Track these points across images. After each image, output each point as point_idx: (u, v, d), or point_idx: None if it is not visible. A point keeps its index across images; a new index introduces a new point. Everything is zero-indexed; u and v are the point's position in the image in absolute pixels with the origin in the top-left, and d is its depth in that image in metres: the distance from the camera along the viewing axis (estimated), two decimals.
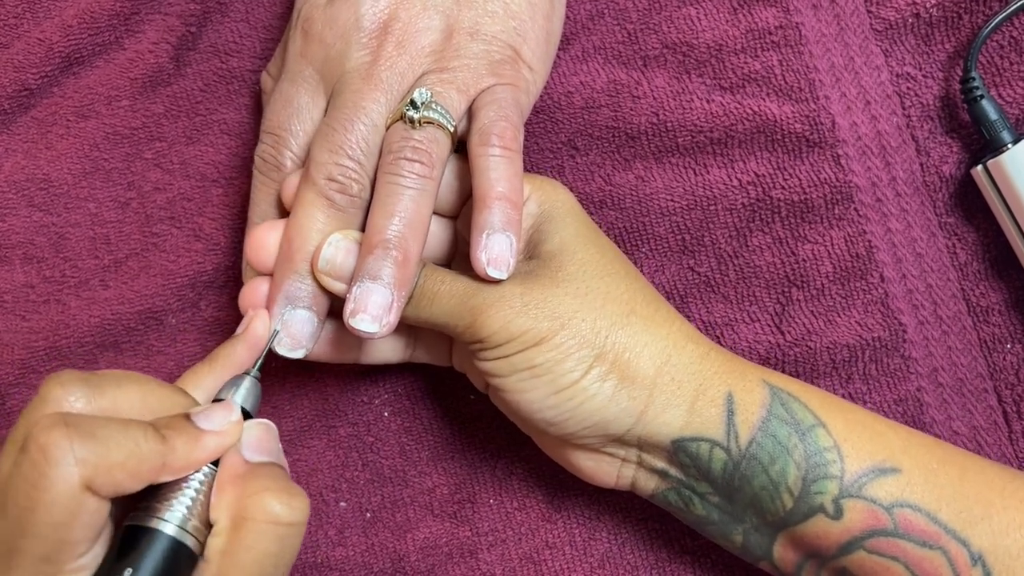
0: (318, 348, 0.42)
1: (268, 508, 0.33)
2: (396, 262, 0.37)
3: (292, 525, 0.33)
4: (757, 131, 0.47)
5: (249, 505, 0.33)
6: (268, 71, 0.45)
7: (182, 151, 0.49)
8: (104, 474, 0.31)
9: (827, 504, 0.39)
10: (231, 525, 0.33)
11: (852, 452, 0.39)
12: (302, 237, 0.39)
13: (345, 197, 0.39)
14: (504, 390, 0.40)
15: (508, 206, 0.39)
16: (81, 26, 0.48)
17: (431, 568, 0.47)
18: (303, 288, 0.39)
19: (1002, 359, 0.47)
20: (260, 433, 0.36)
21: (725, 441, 0.39)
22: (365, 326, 0.37)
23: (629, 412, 0.39)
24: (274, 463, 0.36)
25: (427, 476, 0.48)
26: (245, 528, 0.33)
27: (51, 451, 0.30)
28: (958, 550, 0.38)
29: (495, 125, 0.39)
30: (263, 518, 0.33)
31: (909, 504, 0.39)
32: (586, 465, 0.42)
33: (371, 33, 0.40)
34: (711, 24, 0.47)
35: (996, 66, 0.47)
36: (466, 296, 0.39)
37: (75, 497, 0.31)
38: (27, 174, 0.49)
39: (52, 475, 0.30)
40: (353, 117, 0.39)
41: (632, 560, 0.47)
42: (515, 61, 0.42)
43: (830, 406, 0.41)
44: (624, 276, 0.41)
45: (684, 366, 0.40)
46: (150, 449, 0.32)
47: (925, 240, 0.47)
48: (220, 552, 0.33)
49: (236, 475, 0.35)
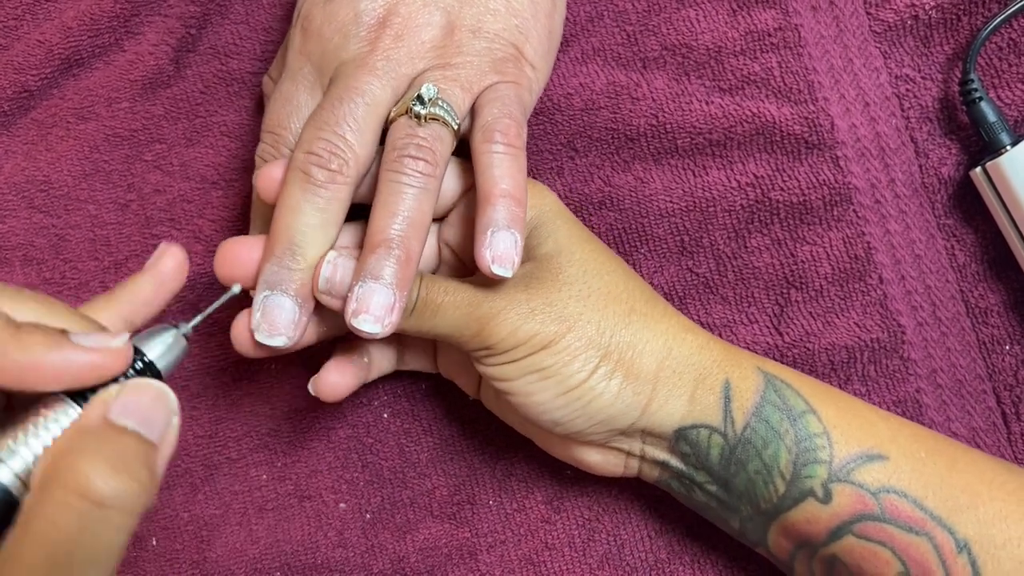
0: (346, 389, 0.41)
1: (82, 476, 0.27)
2: (399, 261, 0.37)
3: (105, 507, 0.27)
4: (756, 133, 0.47)
5: (64, 464, 0.27)
6: (270, 74, 0.45)
7: (182, 153, 0.49)
8: None
9: (816, 488, 0.39)
10: (39, 485, 0.27)
11: (841, 438, 0.40)
12: (282, 219, 0.38)
13: (324, 171, 0.38)
14: (511, 393, 0.40)
15: (512, 203, 0.38)
16: (81, 28, 0.48)
17: (431, 569, 0.47)
18: (280, 273, 0.38)
19: (1001, 360, 0.47)
20: (142, 396, 0.30)
21: (722, 427, 0.40)
22: (368, 326, 0.37)
23: (634, 406, 0.40)
24: (138, 434, 0.29)
25: (426, 477, 0.48)
26: (47, 492, 0.27)
27: None
28: (944, 537, 0.39)
29: (498, 122, 0.39)
30: (72, 486, 0.27)
31: (895, 490, 0.39)
32: (592, 459, 0.43)
33: (369, 27, 0.40)
34: (710, 26, 0.47)
35: (995, 68, 0.47)
36: (472, 306, 0.39)
37: None
38: (27, 176, 0.49)
39: None
40: (343, 96, 0.39)
41: (632, 560, 0.47)
42: (518, 59, 0.41)
43: (822, 394, 0.41)
44: (622, 274, 0.42)
45: (684, 357, 0.41)
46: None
47: (924, 242, 0.47)
48: (21, 518, 0.27)
49: (79, 426, 0.29)
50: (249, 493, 0.48)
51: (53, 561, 0.27)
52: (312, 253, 0.38)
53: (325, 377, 0.41)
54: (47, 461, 0.28)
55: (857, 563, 0.40)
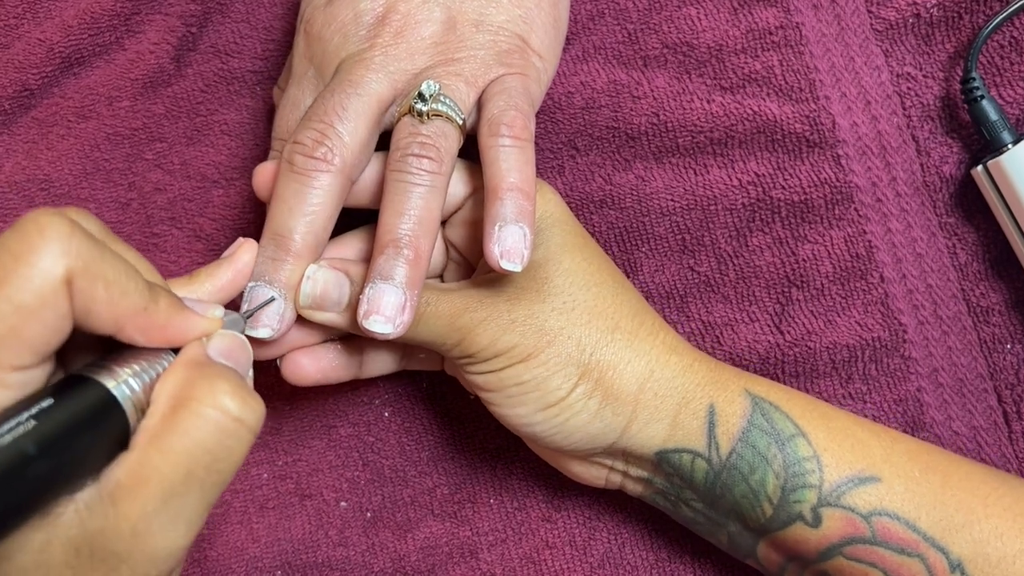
0: (317, 373, 0.41)
1: (218, 395, 0.29)
2: (408, 261, 0.37)
3: (240, 422, 0.30)
4: (757, 131, 0.47)
5: (198, 386, 0.30)
6: (279, 84, 0.45)
7: (183, 152, 0.49)
8: (89, 282, 0.28)
9: (806, 512, 0.39)
10: (170, 405, 0.29)
11: (832, 462, 0.40)
12: (270, 209, 0.38)
13: (307, 160, 0.37)
14: (493, 404, 0.40)
15: (520, 197, 0.38)
16: (81, 27, 0.48)
17: (431, 568, 0.47)
18: (265, 264, 0.37)
19: (1002, 359, 0.47)
20: (233, 344, 0.34)
21: (706, 452, 0.40)
22: (379, 327, 0.36)
23: (613, 427, 0.40)
24: (236, 371, 0.33)
25: (427, 476, 0.48)
26: (186, 410, 0.29)
27: (48, 231, 0.28)
28: (936, 557, 0.39)
29: (505, 115, 0.38)
30: (210, 403, 0.29)
31: (887, 512, 0.39)
32: (577, 470, 0.43)
33: (368, 26, 0.40)
34: (711, 24, 0.47)
35: (996, 66, 0.47)
36: (453, 316, 0.38)
37: (52, 285, 0.28)
38: (28, 175, 0.49)
39: (41, 251, 0.28)
40: (335, 88, 0.38)
41: (632, 560, 0.47)
42: (523, 50, 0.41)
43: (812, 415, 0.41)
44: (611, 287, 0.41)
45: (667, 380, 0.40)
46: (136, 289, 0.30)
47: (925, 240, 0.47)
48: (150, 436, 0.29)
49: (193, 361, 0.31)
50: (250, 491, 0.48)
51: (190, 472, 0.29)
52: (298, 243, 0.37)
53: (294, 357, 0.41)
54: (175, 386, 0.30)
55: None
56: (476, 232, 0.41)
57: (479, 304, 0.39)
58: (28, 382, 0.29)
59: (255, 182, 0.39)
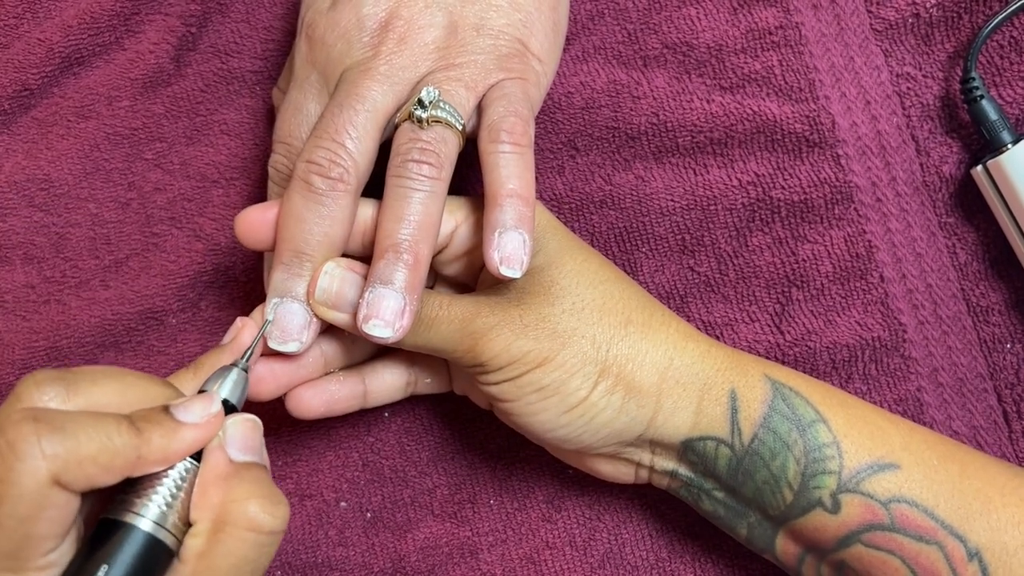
0: (321, 406, 0.42)
1: (252, 516, 0.33)
2: (407, 266, 0.37)
3: (273, 534, 0.33)
4: (757, 131, 0.47)
5: (232, 510, 0.33)
6: (279, 86, 0.45)
7: (182, 151, 0.49)
8: (74, 468, 0.30)
9: (825, 498, 0.39)
10: (211, 528, 0.33)
11: (851, 448, 0.40)
12: (286, 229, 0.38)
13: (324, 180, 0.38)
14: (515, 413, 0.40)
15: (520, 203, 0.38)
16: (81, 26, 0.48)
17: (431, 568, 0.47)
18: (290, 281, 0.38)
19: (1002, 359, 0.47)
20: (246, 430, 0.36)
21: (730, 438, 0.40)
22: (379, 331, 0.37)
23: (639, 420, 0.40)
24: (258, 463, 0.35)
25: (427, 476, 0.48)
26: (226, 533, 0.33)
27: (18, 445, 0.30)
28: (954, 545, 0.39)
29: (504, 121, 0.39)
30: (246, 525, 0.33)
31: (906, 500, 0.39)
32: (604, 469, 0.43)
33: (372, 32, 0.40)
34: (711, 24, 0.47)
35: (996, 66, 0.47)
36: (465, 321, 0.38)
37: (42, 491, 0.30)
38: (28, 174, 0.49)
39: (18, 469, 0.30)
40: (343, 103, 0.38)
41: (632, 560, 0.47)
42: (523, 54, 0.41)
43: (832, 401, 0.41)
44: (615, 282, 0.41)
45: (687, 367, 0.40)
46: (123, 442, 0.32)
47: (925, 240, 0.47)
48: (197, 554, 0.33)
49: (220, 475, 0.34)
50: None
51: None
52: (319, 259, 0.38)
53: (298, 392, 0.41)
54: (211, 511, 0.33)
55: (867, 570, 0.40)
56: (471, 259, 0.42)
57: (490, 310, 0.39)
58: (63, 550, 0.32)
59: (240, 229, 0.39)
